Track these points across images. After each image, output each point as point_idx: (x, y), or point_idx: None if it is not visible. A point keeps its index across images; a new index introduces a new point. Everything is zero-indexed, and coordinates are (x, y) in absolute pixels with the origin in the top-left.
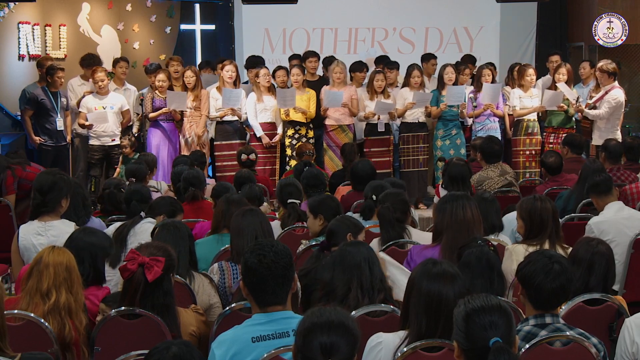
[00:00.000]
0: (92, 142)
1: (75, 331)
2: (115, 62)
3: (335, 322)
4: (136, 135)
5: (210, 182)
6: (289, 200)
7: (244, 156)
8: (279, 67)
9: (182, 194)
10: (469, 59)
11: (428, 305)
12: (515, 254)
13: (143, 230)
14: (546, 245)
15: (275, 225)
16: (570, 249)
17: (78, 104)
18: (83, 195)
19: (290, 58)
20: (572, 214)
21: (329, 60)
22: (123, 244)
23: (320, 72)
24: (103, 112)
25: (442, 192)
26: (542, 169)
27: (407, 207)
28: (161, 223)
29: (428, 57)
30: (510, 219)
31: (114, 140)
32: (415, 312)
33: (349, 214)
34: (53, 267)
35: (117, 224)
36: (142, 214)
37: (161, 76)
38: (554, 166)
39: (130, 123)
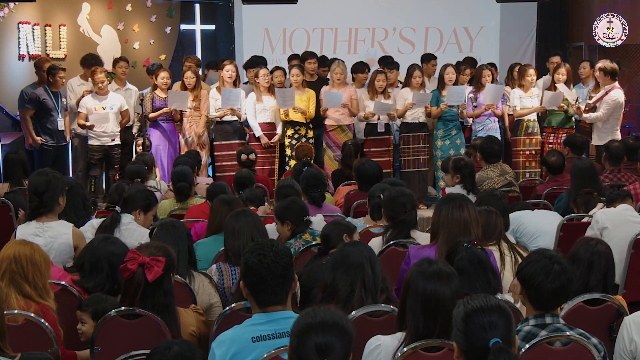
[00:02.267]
0: (91, 142)
1: (45, 311)
2: (115, 62)
3: (330, 322)
4: (136, 135)
5: (209, 182)
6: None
7: (243, 156)
8: (276, 68)
9: (182, 194)
10: (470, 61)
11: (425, 305)
12: None
13: (128, 230)
14: (504, 245)
15: (272, 228)
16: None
17: (77, 103)
18: (83, 196)
19: (290, 58)
20: (572, 214)
21: (324, 62)
22: None
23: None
24: (105, 113)
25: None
26: (542, 168)
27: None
28: (159, 222)
29: (428, 58)
30: (512, 218)
31: (114, 140)
32: (412, 313)
33: (349, 219)
34: None
35: (94, 222)
36: (118, 208)
37: (164, 74)
38: (555, 165)
39: (130, 123)
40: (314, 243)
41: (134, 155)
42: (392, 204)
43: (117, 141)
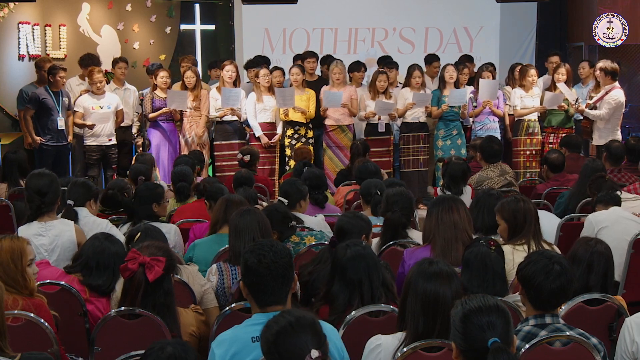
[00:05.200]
0: (88, 142)
1: (40, 306)
2: (115, 62)
3: (294, 321)
4: (135, 135)
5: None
6: (278, 198)
7: (239, 156)
8: (275, 68)
9: (182, 194)
10: (466, 59)
11: (425, 305)
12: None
13: (89, 224)
14: (532, 243)
15: None
16: (554, 246)
17: (75, 103)
18: None
19: (295, 58)
20: (572, 214)
21: (326, 60)
22: None
23: (318, 71)
24: (107, 112)
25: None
26: (543, 167)
27: (413, 212)
28: (143, 227)
29: (431, 60)
30: None
31: (111, 140)
32: (412, 313)
33: None
34: None
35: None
36: (70, 202)
37: (163, 73)
38: (556, 162)
39: (130, 123)
40: (314, 244)
41: (134, 155)
42: (385, 202)
43: (114, 141)
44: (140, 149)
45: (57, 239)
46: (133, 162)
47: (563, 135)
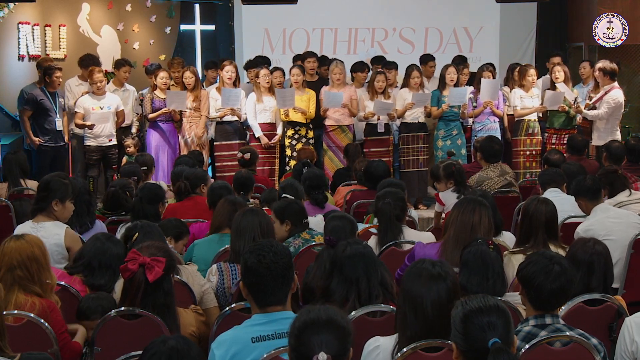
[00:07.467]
0: (88, 142)
1: (52, 307)
2: (120, 65)
3: (324, 319)
4: (136, 135)
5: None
6: (284, 196)
7: (239, 154)
8: (276, 68)
9: (182, 194)
10: (459, 60)
11: (412, 307)
12: (517, 260)
13: None
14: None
15: None
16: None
17: (75, 104)
18: (88, 202)
19: (294, 59)
20: (571, 214)
21: (324, 61)
22: None
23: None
24: (106, 113)
25: (445, 196)
26: (543, 167)
27: (406, 205)
28: (138, 227)
29: (426, 59)
30: None
31: (111, 140)
32: (402, 314)
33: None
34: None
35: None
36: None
37: (163, 74)
38: (557, 163)
39: (130, 123)
40: (314, 243)
41: (127, 157)
42: (376, 198)
43: (114, 141)
44: (128, 148)
45: (45, 241)
46: (123, 162)
47: (565, 136)
